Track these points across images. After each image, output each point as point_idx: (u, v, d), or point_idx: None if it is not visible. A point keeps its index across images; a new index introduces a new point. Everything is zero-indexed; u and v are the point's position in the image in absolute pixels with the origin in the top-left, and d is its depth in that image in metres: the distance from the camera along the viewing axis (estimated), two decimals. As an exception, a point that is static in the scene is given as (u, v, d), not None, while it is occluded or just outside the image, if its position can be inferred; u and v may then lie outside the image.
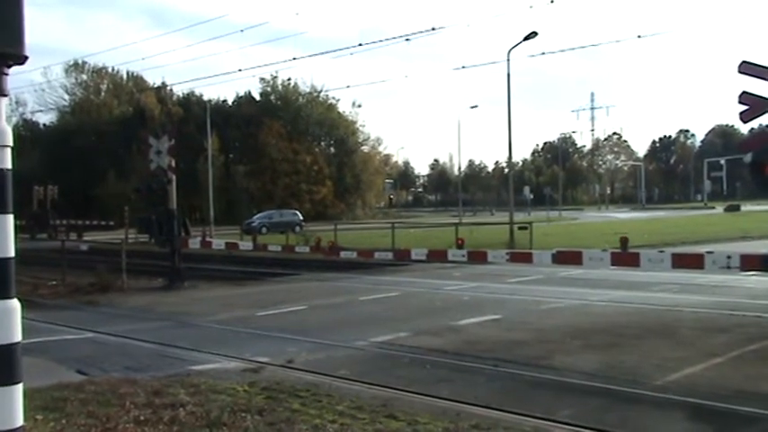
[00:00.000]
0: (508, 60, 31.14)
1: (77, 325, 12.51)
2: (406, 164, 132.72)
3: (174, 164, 19.03)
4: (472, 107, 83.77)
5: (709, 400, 6.98)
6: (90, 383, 7.55)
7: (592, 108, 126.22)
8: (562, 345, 9.81)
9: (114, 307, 15.27)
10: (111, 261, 19.69)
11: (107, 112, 76.26)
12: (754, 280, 14.99)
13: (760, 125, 10.68)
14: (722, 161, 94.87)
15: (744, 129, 76.25)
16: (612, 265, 12.36)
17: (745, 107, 9.51)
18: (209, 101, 65.38)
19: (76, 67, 76.65)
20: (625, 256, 12.02)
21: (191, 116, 70.07)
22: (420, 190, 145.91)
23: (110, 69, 77.41)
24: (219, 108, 75.38)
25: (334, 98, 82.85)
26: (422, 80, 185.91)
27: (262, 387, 7.35)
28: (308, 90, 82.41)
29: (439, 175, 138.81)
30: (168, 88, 74.35)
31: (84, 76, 78.93)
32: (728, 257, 10.11)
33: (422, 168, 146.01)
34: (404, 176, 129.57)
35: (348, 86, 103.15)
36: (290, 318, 13.02)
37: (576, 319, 11.98)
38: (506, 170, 67.92)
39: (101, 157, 67.60)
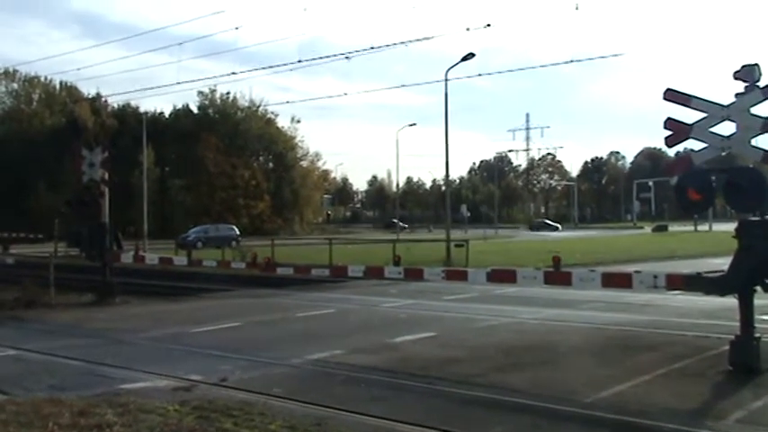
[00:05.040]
0: (446, 80, 31.66)
1: None
2: (345, 180, 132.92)
3: (107, 177, 18.63)
4: (410, 125, 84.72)
5: (637, 417, 7.15)
6: (11, 403, 7.27)
7: (527, 128, 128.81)
8: (495, 362, 9.93)
9: (40, 323, 14.75)
10: (39, 275, 19.05)
11: (39, 123, 74.06)
12: (679, 299, 15.48)
13: (685, 149, 11.07)
14: (651, 183, 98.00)
15: (671, 152, 78.99)
16: (545, 283, 12.56)
17: (669, 132, 9.87)
18: (146, 113, 64.45)
19: (7, 75, 74.55)
20: (557, 275, 12.23)
21: (126, 128, 68.62)
22: (358, 206, 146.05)
23: (42, 78, 75.45)
24: (156, 121, 74.17)
25: (273, 113, 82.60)
26: (361, 97, 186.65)
27: (193, 406, 7.21)
28: (246, 104, 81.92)
29: (377, 191, 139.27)
30: (103, 99, 72.81)
31: (15, 85, 76.73)
32: (655, 277, 10.39)
33: (360, 184, 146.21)
34: (342, 192, 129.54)
35: (288, 102, 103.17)
36: (225, 335, 12.82)
37: (509, 337, 12.15)
38: (443, 188, 68.61)
39: (31, 168, 65.48)
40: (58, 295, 17.85)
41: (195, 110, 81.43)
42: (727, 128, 9.55)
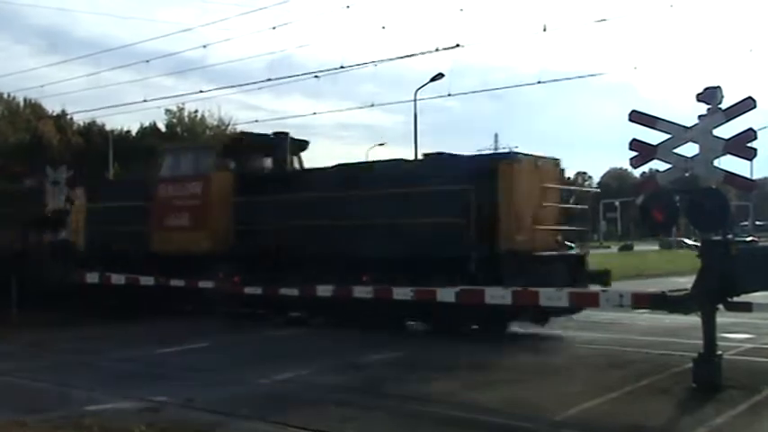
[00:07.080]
0: (415, 100, 31.92)
1: (-39, 364, 11.78)
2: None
3: (71, 195, 18.43)
4: (380, 144, 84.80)
5: (604, 433, 7.24)
6: (-26, 426, 7.14)
7: (495, 149, 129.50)
8: (466, 381, 9.97)
9: (3, 343, 14.46)
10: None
11: (1, 140, 72.82)
12: (645, 317, 15.67)
13: (650, 170, 11.29)
14: (617, 203, 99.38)
15: (636, 173, 79.98)
16: (513, 302, 12.64)
17: (635, 153, 10.07)
18: (112, 131, 63.74)
19: (-32, 91, 73.19)
20: (525, 294, 12.31)
21: (92, 146, 67.81)
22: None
23: (5, 95, 74.32)
24: (123, 138, 73.32)
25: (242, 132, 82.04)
26: (331, 116, 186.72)
27: (161, 428, 7.14)
28: (215, 123, 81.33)
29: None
30: (68, 117, 71.81)
31: (-24, 102, 75.36)
32: (621, 296, 10.53)
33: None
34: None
35: (257, 120, 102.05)
36: (192, 355, 12.69)
37: (480, 356, 12.19)
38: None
39: (-7, 185, 64.38)
40: (21, 314, 17.50)
41: (163, 128, 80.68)
42: (690, 149, 9.78)
